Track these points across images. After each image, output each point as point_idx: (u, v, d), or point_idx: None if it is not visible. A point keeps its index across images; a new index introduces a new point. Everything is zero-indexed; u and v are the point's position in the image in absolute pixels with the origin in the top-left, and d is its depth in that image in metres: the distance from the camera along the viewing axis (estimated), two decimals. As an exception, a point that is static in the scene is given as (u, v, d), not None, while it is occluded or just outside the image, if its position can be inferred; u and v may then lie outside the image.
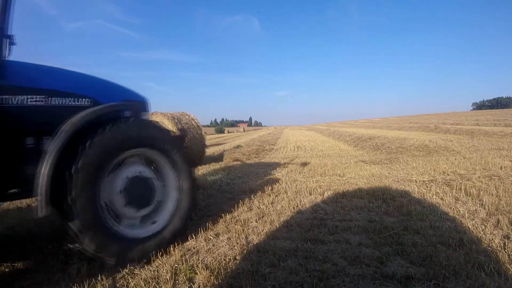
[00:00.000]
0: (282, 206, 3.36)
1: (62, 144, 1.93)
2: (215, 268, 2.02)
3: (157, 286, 1.87)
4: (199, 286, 1.84)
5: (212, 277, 1.90)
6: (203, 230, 2.80)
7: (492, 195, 3.23)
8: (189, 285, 1.87)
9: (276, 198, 3.75)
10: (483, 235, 2.28)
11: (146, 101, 2.92)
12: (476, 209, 2.86)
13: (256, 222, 2.93)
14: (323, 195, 3.73)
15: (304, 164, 6.50)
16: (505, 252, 2.01)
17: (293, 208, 3.27)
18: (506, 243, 2.12)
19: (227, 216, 3.10)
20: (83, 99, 2.40)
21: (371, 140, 10.36)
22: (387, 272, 1.84)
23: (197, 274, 1.97)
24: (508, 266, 1.83)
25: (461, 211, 2.83)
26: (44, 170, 1.84)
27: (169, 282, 1.88)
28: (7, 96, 1.98)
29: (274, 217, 2.99)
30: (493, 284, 1.62)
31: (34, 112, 2.13)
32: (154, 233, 2.35)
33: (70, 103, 2.32)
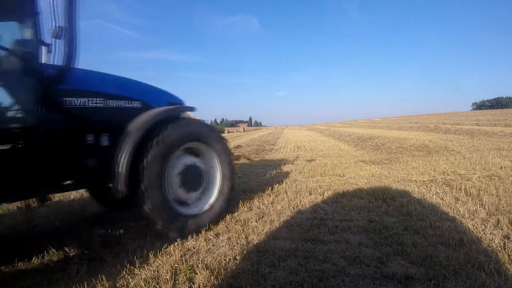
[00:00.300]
0: (282, 206, 3.36)
1: (139, 139, 2.33)
2: (215, 268, 2.02)
3: (157, 286, 1.87)
4: (199, 286, 1.84)
5: (212, 277, 1.90)
6: (203, 230, 2.80)
7: (492, 195, 3.23)
8: (189, 285, 1.87)
9: (276, 198, 3.75)
10: (483, 235, 2.28)
11: (183, 102, 3.39)
12: (476, 209, 2.86)
13: (256, 222, 2.93)
14: (323, 195, 3.73)
15: (304, 164, 6.50)
16: (505, 252, 2.01)
17: (293, 208, 3.27)
18: (506, 243, 2.12)
19: (227, 216, 3.10)
20: (135, 102, 2.81)
21: (371, 140, 10.36)
22: (387, 272, 1.84)
23: (197, 274, 1.97)
24: (508, 266, 1.83)
25: (461, 211, 2.83)
26: (123, 161, 2.25)
27: (169, 282, 1.88)
28: (71, 99, 2.32)
29: (274, 217, 2.99)
30: (493, 284, 1.62)
31: (94, 113, 2.47)
32: (205, 211, 2.85)
33: (124, 105, 2.71)
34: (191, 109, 3.27)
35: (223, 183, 3.02)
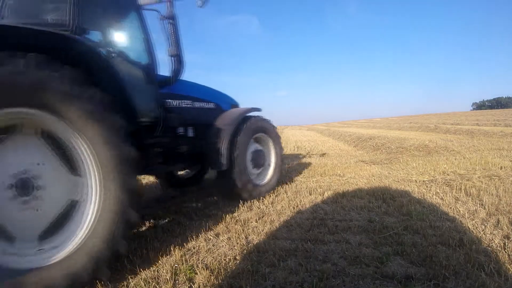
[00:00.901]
0: (282, 206, 3.36)
1: (233, 130, 3.42)
2: (215, 268, 2.02)
3: (157, 286, 1.87)
4: (199, 286, 1.84)
5: (212, 277, 1.90)
6: (203, 230, 2.80)
7: (492, 195, 3.23)
8: (189, 285, 1.87)
9: (276, 198, 3.75)
10: (483, 235, 2.28)
11: (238, 103, 4.44)
12: (476, 209, 2.86)
13: (256, 222, 2.93)
14: (323, 195, 3.73)
15: (304, 164, 6.50)
16: (505, 252, 2.01)
17: (293, 208, 3.27)
18: (506, 243, 2.12)
19: (227, 216, 3.10)
20: (211, 104, 3.81)
21: (371, 140, 10.35)
22: (387, 272, 1.84)
23: (197, 274, 1.97)
24: (508, 266, 1.83)
25: (461, 211, 2.83)
26: (225, 145, 3.29)
27: (169, 282, 1.88)
28: (176, 101, 3.30)
29: (274, 217, 2.99)
30: (493, 284, 1.62)
31: (187, 111, 3.37)
32: (266, 182, 4.02)
33: (204, 106, 3.71)
34: (259, 109, 4.29)
35: (276, 166, 4.19)
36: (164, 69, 3.12)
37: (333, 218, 2.88)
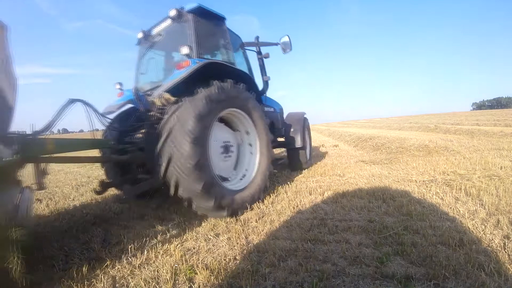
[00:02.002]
0: (282, 206, 3.36)
1: (302, 127, 5.71)
2: (215, 268, 2.02)
3: (157, 286, 1.87)
4: (199, 286, 1.85)
5: (212, 277, 1.90)
6: (203, 230, 2.80)
7: (492, 195, 3.23)
8: (189, 285, 1.87)
9: (276, 198, 3.75)
10: (483, 235, 2.27)
11: (281, 106, 6.07)
12: (476, 209, 2.86)
13: (256, 222, 2.93)
14: (323, 195, 3.73)
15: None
16: (505, 252, 2.01)
17: (293, 208, 3.27)
18: (506, 243, 2.12)
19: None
20: (272, 108, 5.43)
21: (371, 140, 10.35)
22: (387, 272, 1.84)
23: (197, 274, 1.97)
24: (508, 266, 1.82)
25: (461, 211, 2.83)
26: (300, 136, 5.59)
27: (169, 282, 1.88)
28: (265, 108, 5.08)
29: (274, 217, 2.99)
30: (493, 284, 1.62)
31: (268, 115, 4.71)
32: (309, 158, 6.40)
33: (270, 110, 5.30)
34: (304, 113, 6.21)
35: (310, 148, 6.59)
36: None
37: (333, 218, 2.88)
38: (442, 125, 16.60)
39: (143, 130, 3.23)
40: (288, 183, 4.62)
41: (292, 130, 5.59)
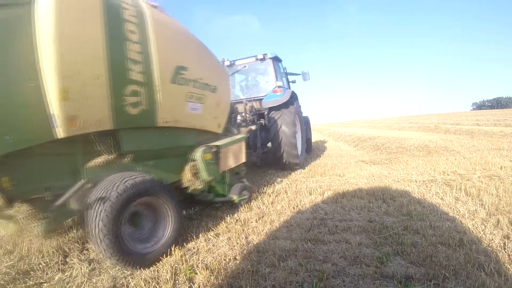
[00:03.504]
0: (282, 206, 3.36)
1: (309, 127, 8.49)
2: (215, 268, 2.02)
3: (157, 286, 1.87)
4: (199, 286, 1.85)
5: (212, 277, 1.90)
6: (203, 230, 2.80)
7: (492, 195, 3.23)
8: (189, 285, 1.87)
9: (276, 198, 3.75)
10: (483, 235, 2.28)
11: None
12: (476, 209, 2.86)
13: (256, 222, 2.93)
14: (323, 195, 3.73)
15: (304, 164, 6.49)
16: (505, 252, 2.01)
17: (293, 208, 3.27)
18: (506, 243, 2.12)
19: (227, 216, 3.11)
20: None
21: (371, 140, 10.35)
22: (387, 272, 1.84)
23: (197, 274, 1.97)
24: (508, 266, 1.83)
25: (461, 211, 2.83)
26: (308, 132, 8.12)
27: (169, 282, 1.88)
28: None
29: (274, 217, 2.99)
30: (493, 284, 1.62)
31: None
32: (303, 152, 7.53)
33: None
34: (308, 118, 8.00)
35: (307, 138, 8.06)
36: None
37: (333, 218, 2.88)
38: (442, 125, 16.60)
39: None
40: (288, 183, 4.62)
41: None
